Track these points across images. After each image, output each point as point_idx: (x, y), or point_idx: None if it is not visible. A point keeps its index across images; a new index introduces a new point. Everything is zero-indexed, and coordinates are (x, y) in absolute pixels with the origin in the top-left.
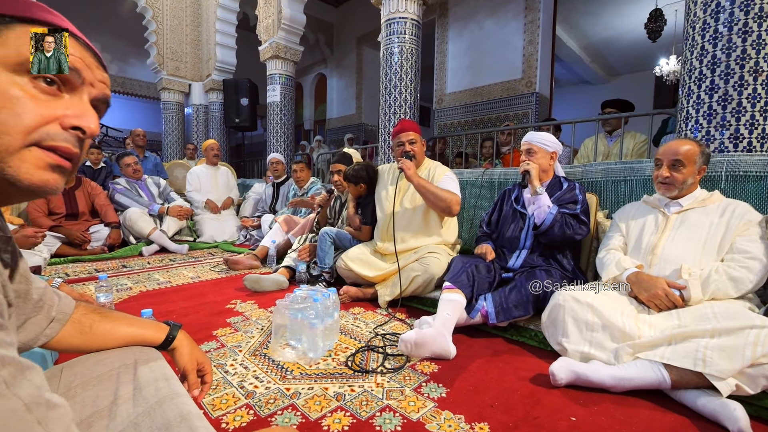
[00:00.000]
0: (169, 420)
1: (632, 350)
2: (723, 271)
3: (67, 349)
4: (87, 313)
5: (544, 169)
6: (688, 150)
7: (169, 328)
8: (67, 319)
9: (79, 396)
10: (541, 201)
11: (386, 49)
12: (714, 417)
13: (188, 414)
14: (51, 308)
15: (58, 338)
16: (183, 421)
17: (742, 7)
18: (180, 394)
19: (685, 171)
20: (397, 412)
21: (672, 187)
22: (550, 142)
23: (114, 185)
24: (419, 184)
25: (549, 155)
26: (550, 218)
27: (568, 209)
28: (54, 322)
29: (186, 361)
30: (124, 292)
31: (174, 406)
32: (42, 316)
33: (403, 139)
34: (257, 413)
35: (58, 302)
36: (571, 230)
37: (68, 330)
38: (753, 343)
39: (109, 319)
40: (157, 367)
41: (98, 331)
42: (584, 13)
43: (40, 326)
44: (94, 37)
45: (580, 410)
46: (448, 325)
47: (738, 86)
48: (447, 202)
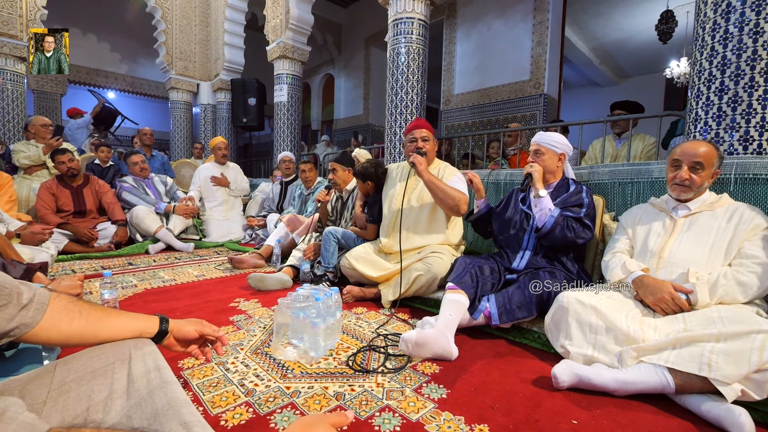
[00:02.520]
0: (158, 408)
1: (636, 354)
2: (731, 276)
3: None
4: (73, 301)
5: (551, 171)
6: (706, 152)
7: (159, 318)
8: (45, 308)
9: (74, 391)
10: (543, 204)
11: (393, 50)
12: (718, 422)
13: (176, 401)
14: (20, 295)
15: (46, 326)
16: (170, 408)
17: (753, 7)
18: (169, 383)
19: (704, 174)
20: (396, 413)
21: (689, 190)
22: (559, 143)
23: (121, 183)
24: (429, 180)
25: (557, 156)
26: (551, 221)
27: (572, 212)
28: (29, 310)
29: (189, 342)
30: (129, 289)
31: (163, 394)
32: (12, 305)
33: (417, 136)
34: (256, 411)
35: (27, 290)
36: (572, 233)
37: (56, 317)
38: (759, 348)
39: (97, 308)
40: (151, 359)
41: (90, 318)
42: (594, 14)
43: (10, 314)
44: (104, 36)
45: (582, 413)
46: (450, 325)
47: (748, 88)
48: (455, 200)
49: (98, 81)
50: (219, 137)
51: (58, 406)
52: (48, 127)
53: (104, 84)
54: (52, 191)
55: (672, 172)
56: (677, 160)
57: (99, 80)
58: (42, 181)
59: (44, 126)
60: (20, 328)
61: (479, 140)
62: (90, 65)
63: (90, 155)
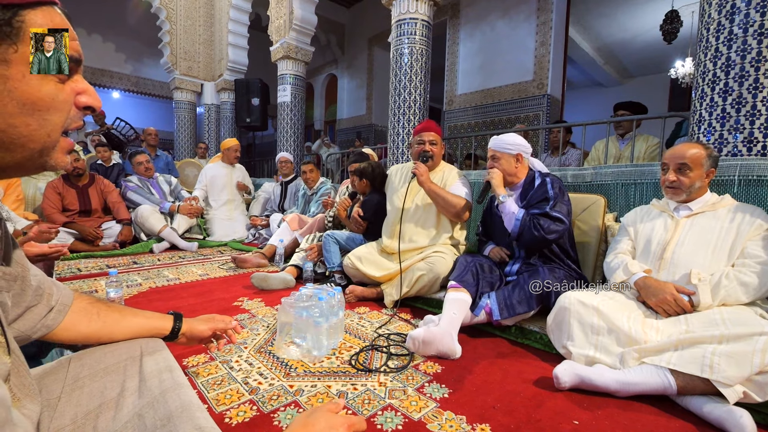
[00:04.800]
0: (171, 411)
1: (638, 355)
2: (734, 276)
3: (77, 339)
4: (92, 302)
5: (510, 173)
6: (694, 153)
7: (173, 317)
8: (67, 309)
9: (87, 387)
10: (506, 208)
11: (396, 50)
12: (720, 424)
13: (189, 405)
14: (50, 297)
15: (67, 327)
16: (184, 411)
17: (758, 9)
18: (182, 385)
19: (692, 174)
20: (398, 412)
21: (679, 191)
22: (512, 144)
23: (126, 183)
24: (430, 189)
25: (513, 158)
26: (517, 224)
27: (539, 208)
28: (53, 312)
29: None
30: (134, 288)
31: (176, 396)
32: (42, 305)
33: (425, 138)
34: (260, 409)
35: (57, 292)
36: (540, 231)
37: (76, 318)
38: (762, 350)
39: (114, 309)
40: (162, 359)
41: (107, 320)
42: (598, 14)
43: (39, 314)
44: (109, 36)
45: (584, 414)
46: (454, 324)
47: (753, 89)
48: (457, 207)
49: (103, 81)
50: (233, 139)
51: (72, 402)
52: None
53: (109, 84)
54: (58, 190)
55: (663, 175)
56: (665, 163)
57: (104, 80)
58: (48, 181)
59: None
60: (42, 330)
61: (482, 141)
62: (95, 65)
63: (93, 155)
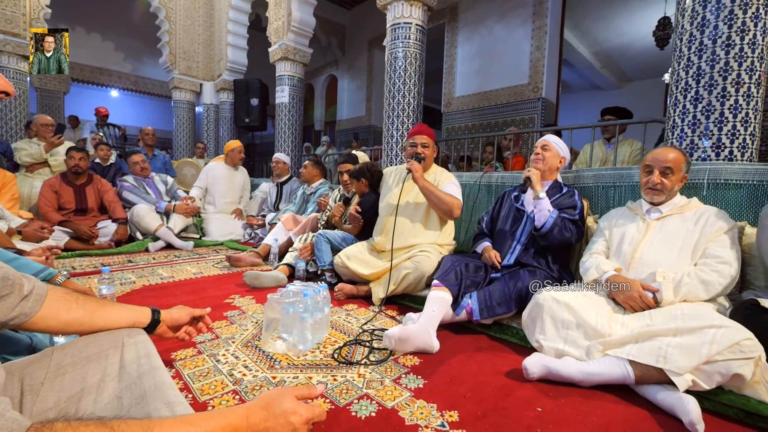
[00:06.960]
0: (146, 390)
1: (602, 347)
2: (694, 275)
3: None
4: (69, 292)
5: (551, 168)
6: (675, 158)
7: (150, 310)
8: (43, 299)
9: (69, 374)
10: (542, 205)
11: (391, 53)
12: (671, 410)
13: (162, 384)
14: (22, 287)
15: (46, 315)
16: (157, 390)
17: (725, 21)
18: (157, 368)
19: (673, 178)
20: (374, 400)
21: (661, 193)
22: (564, 148)
23: (122, 182)
24: (424, 186)
25: (559, 158)
26: (550, 221)
27: (567, 214)
28: (29, 301)
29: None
30: (128, 285)
31: (151, 378)
32: (15, 295)
33: (417, 141)
34: (243, 399)
35: (28, 283)
36: (569, 233)
37: (55, 307)
38: (710, 341)
39: (92, 299)
40: (142, 347)
41: (87, 307)
42: (596, 18)
43: (12, 303)
44: (108, 35)
45: (548, 402)
46: (432, 321)
47: (720, 97)
48: (449, 205)
49: (102, 80)
50: (236, 141)
51: (54, 387)
52: (49, 126)
53: (108, 83)
54: (54, 189)
55: (645, 176)
56: (649, 165)
57: (103, 79)
58: (44, 179)
59: (45, 125)
60: (20, 317)
61: (476, 143)
62: (94, 64)
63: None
